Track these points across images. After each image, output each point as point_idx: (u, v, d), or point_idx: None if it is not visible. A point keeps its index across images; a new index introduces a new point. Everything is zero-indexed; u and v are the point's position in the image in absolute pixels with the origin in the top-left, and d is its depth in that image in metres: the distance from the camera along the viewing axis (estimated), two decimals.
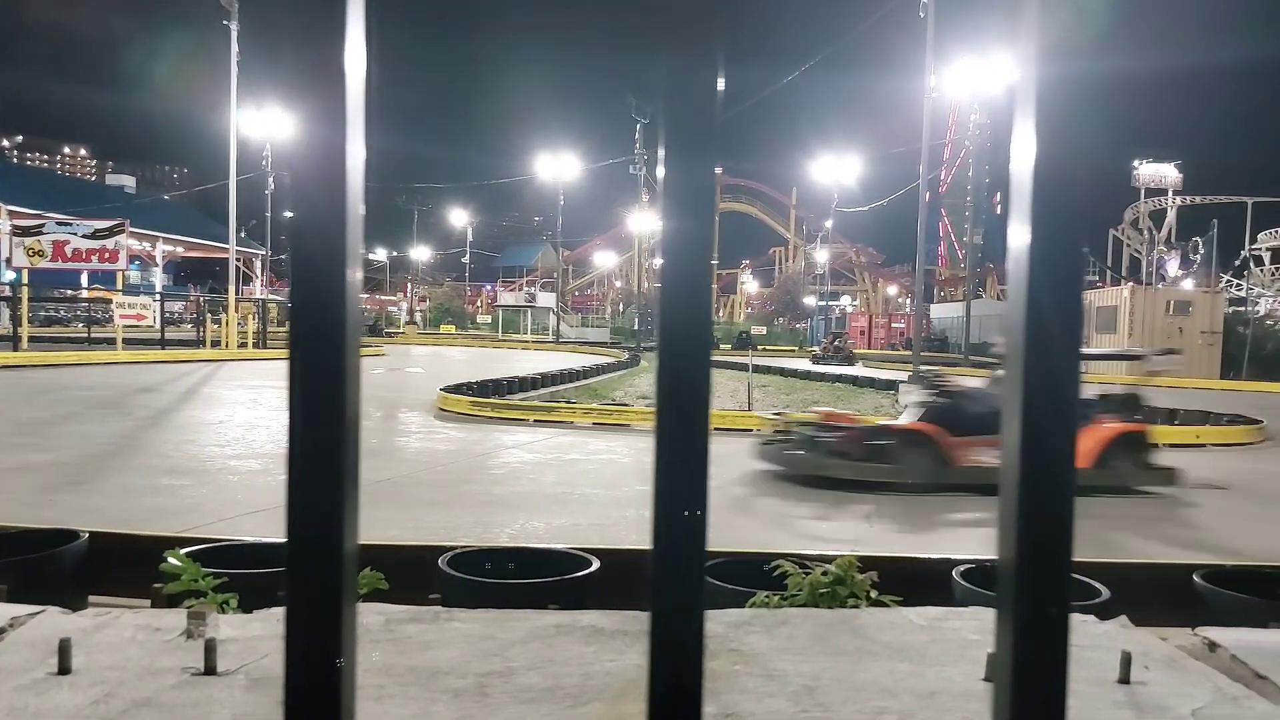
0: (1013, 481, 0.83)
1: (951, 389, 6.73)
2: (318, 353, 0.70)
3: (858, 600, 2.37)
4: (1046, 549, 0.84)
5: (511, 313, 54.13)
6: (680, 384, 0.77)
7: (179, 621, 2.07)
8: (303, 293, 0.69)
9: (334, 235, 0.68)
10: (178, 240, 43.33)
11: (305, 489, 0.73)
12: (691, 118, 0.72)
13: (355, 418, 0.73)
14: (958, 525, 5.42)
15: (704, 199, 0.74)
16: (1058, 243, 0.75)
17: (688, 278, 0.77)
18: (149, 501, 5.16)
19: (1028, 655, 0.86)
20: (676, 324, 0.76)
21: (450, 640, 2.01)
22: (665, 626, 0.80)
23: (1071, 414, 0.79)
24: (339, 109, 0.66)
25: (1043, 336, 0.75)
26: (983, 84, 33.58)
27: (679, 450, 0.79)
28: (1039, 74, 0.73)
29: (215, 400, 11.96)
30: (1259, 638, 2.08)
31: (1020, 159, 0.74)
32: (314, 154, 0.66)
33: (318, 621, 0.74)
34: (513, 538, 4.48)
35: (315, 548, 0.74)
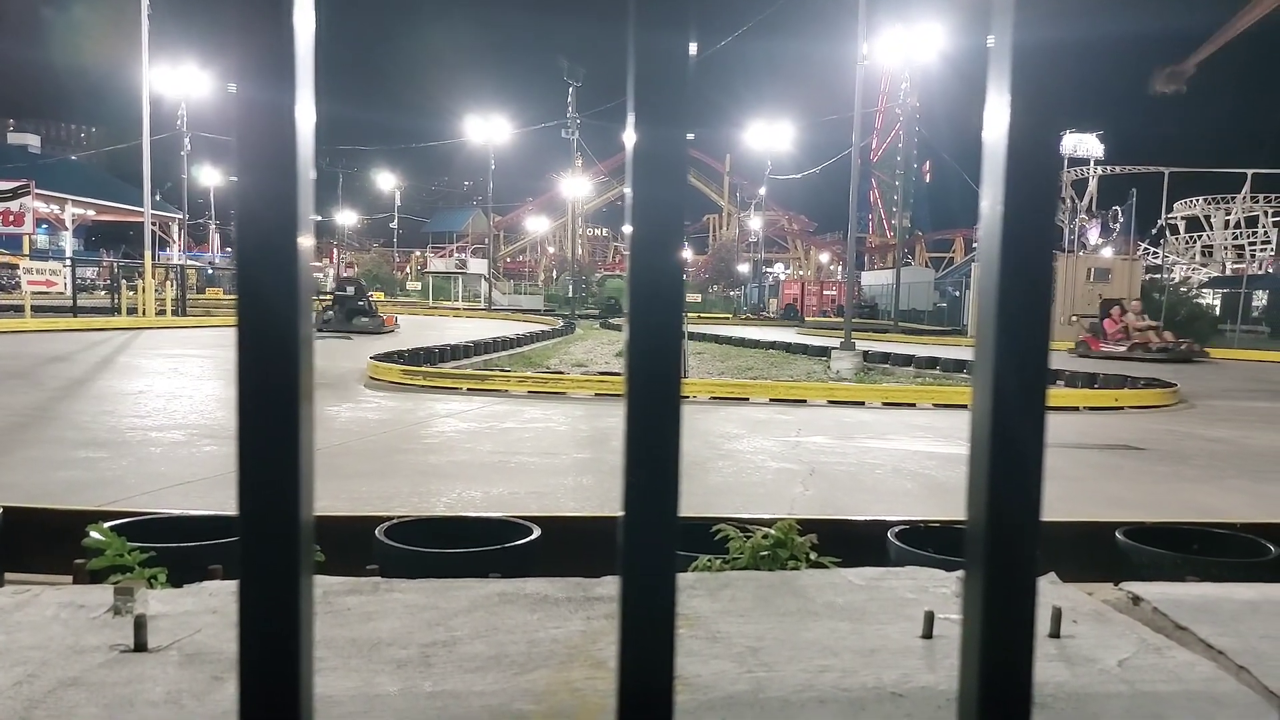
0: (983, 445, 0.83)
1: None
2: (268, 322, 0.67)
3: (798, 562, 2.40)
4: (1017, 512, 0.85)
5: (442, 279, 53.37)
6: (651, 351, 0.75)
7: (105, 598, 1.99)
8: (251, 260, 0.66)
9: (284, 200, 0.64)
10: (88, 203, 41.48)
11: (258, 461, 0.69)
12: (663, 81, 0.69)
13: (309, 388, 0.70)
14: None
15: (676, 168, 0.72)
16: (1031, 210, 0.75)
17: (659, 247, 0.75)
18: (65, 475, 4.96)
19: (997, 617, 0.86)
20: (647, 292, 0.74)
21: (391, 611, 1.98)
22: (637, 593, 0.78)
23: (1043, 378, 0.80)
24: (288, 67, 0.62)
25: (1015, 302, 0.75)
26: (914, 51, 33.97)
27: (651, 418, 0.77)
28: (1015, 39, 0.72)
29: (133, 370, 11.55)
30: (1179, 591, 2.17)
31: (993, 126, 0.74)
32: (261, 115, 0.62)
33: (273, 597, 0.71)
34: (450, 507, 4.43)
35: (271, 520, 0.71)
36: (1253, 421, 9.60)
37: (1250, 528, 3.07)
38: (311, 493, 0.72)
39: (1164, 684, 1.72)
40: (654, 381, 0.73)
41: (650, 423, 0.74)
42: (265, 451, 0.69)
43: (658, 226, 0.71)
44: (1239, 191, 55.47)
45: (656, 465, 0.75)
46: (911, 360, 16.21)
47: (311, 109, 0.63)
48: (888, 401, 10.38)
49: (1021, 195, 0.72)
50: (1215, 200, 56.37)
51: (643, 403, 0.73)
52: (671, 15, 0.66)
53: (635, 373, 0.72)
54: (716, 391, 10.46)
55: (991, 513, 0.81)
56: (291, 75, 0.61)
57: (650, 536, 0.77)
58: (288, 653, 0.69)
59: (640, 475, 0.73)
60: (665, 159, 0.71)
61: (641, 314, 0.72)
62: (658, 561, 0.78)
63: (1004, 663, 0.86)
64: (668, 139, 0.69)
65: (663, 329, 0.72)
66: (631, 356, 0.73)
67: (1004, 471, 0.80)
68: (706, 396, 10.21)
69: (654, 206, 0.71)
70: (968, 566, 0.84)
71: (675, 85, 0.67)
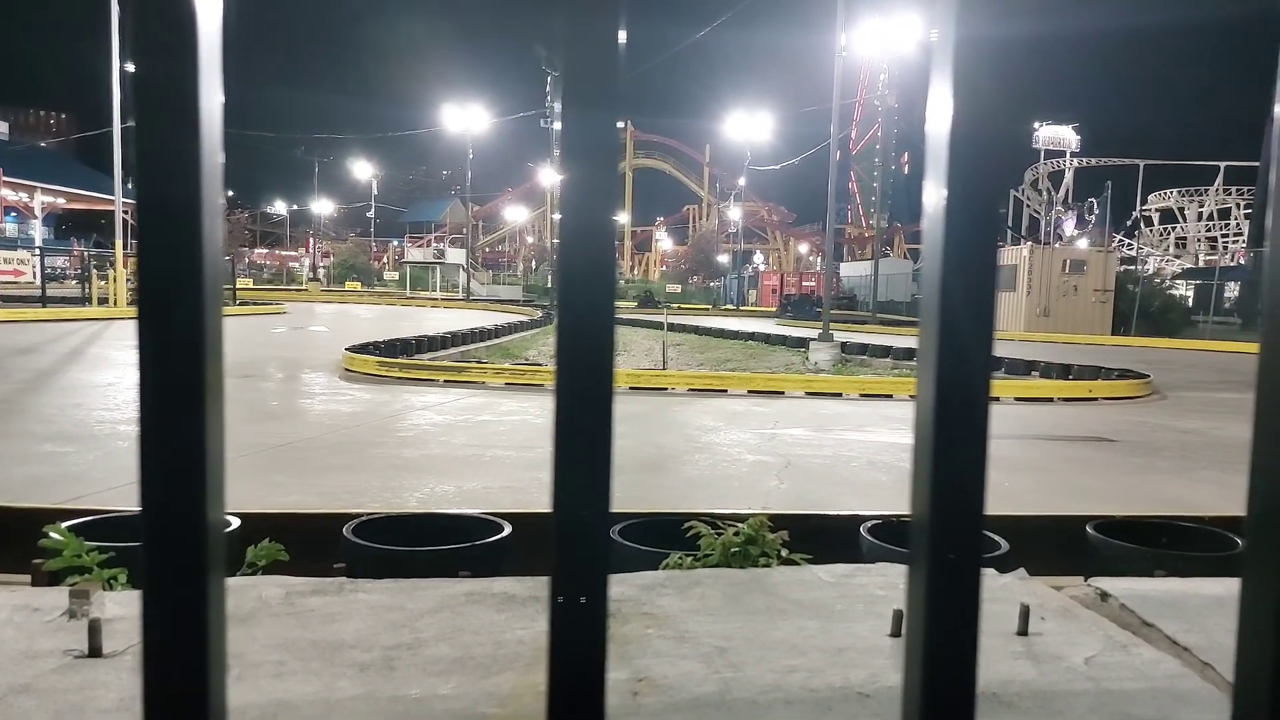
0: (926, 437, 0.82)
1: None
2: (171, 310, 0.64)
3: (769, 559, 2.39)
4: (960, 503, 0.84)
5: (420, 269, 53.07)
6: (582, 340, 0.72)
7: (60, 601, 1.95)
8: (151, 246, 0.62)
9: (186, 184, 0.61)
10: (58, 191, 40.82)
11: (160, 458, 0.66)
12: (592, 67, 0.67)
13: (217, 380, 0.66)
14: None
15: (606, 151, 0.69)
16: (974, 201, 0.73)
17: (589, 233, 0.72)
18: (28, 470, 4.87)
19: (939, 608, 0.85)
20: (577, 280, 0.71)
21: (355, 612, 1.95)
22: (567, 592, 0.75)
23: (985, 369, 0.78)
24: (189, 46, 0.59)
25: (958, 295, 0.74)
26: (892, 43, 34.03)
27: (580, 411, 0.74)
28: (957, 33, 0.70)
29: (103, 361, 11.39)
30: (1146, 587, 2.18)
31: (936, 118, 0.72)
32: (160, 97, 0.59)
33: (178, 601, 0.68)
34: (422, 502, 4.39)
35: (173, 520, 0.68)
36: (1223, 413, 9.71)
37: (1217, 521, 3.09)
38: (221, 490, 0.68)
39: (1130, 681, 1.72)
40: (585, 373, 0.70)
41: (581, 419, 0.71)
42: (168, 448, 0.65)
43: (589, 213, 0.69)
44: (1212, 184, 56.10)
45: (587, 462, 0.72)
46: (889, 351, 16.27)
47: (218, 91, 0.60)
48: (865, 393, 10.41)
49: (964, 188, 0.69)
50: (1189, 192, 57.01)
51: (573, 397, 0.70)
52: (601, 3, 0.64)
53: (565, 367, 0.70)
54: (694, 384, 10.45)
55: (935, 503, 0.79)
56: (194, 56, 0.58)
57: (580, 537, 0.74)
58: (193, 660, 0.66)
59: (570, 474, 0.70)
60: (596, 146, 0.68)
61: (573, 309, 0.68)
62: (588, 563, 0.75)
63: (948, 658, 0.84)
64: (598, 125, 0.66)
65: (594, 322, 0.69)
66: (562, 351, 0.70)
67: (947, 462, 0.78)
68: (684, 389, 10.20)
69: (586, 193, 0.68)
70: (912, 557, 0.83)
71: (606, 72, 0.65)
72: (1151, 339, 23.38)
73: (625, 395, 9.83)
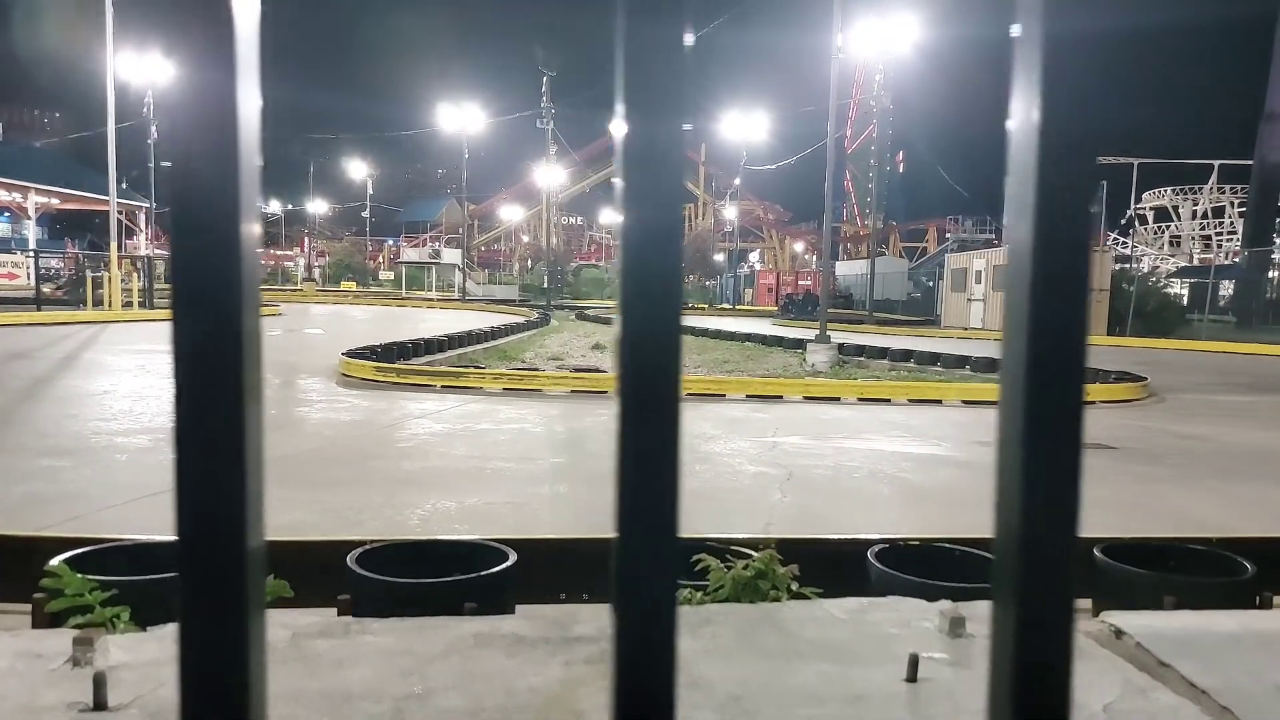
0: (1014, 457, 0.75)
1: None
2: (209, 319, 0.60)
3: (779, 592, 2.37)
4: (1052, 531, 0.76)
5: (416, 269, 52.97)
6: (646, 359, 0.68)
7: (64, 646, 1.91)
8: (188, 254, 0.60)
9: (226, 188, 0.58)
10: (52, 191, 40.63)
11: (198, 480, 0.62)
12: (656, 70, 0.64)
13: (257, 392, 0.63)
14: None
15: (672, 160, 0.65)
16: (1066, 211, 0.69)
17: (654, 246, 0.68)
18: (25, 488, 4.84)
19: (1034, 652, 0.77)
20: (642, 296, 0.67)
21: (364, 657, 1.92)
22: (632, 628, 0.70)
23: (1079, 384, 0.72)
24: (227, 48, 0.57)
25: (1050, 305, 0.69)
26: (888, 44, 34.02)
27: (645, 431, 0.69)
28: (1045, 29, 0.67)
29: (98, 367, 11.33)
30: (1160, 622, 2.16)
31: (1022, 116, 0.68)
32: (198, 99, 0.57)
33: (218, 637, 0.64)
34: (424, 520, 4.36)
35: (212, 548, 0.63)
36: (1222, 417, 9.71)
37: (1226, 543, 3.07)
38: (261, 514, 0.64)
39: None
40: (649, 394, 0.65)
41: (646, 442, 0.67)
42: (207, 468, 0.61)
43: (653, 225, 0.65)
44: (1206, 183, 56.24)
45: (654, 484, 0.68)
46: (886, 353, 16.27)
47: (256, 94, 0.58)
48: (863, 397, 10.40)
49: (1055, 196, 0.66)
50: (1183, 191, 57.14)
51: (637, 419, 0.65)
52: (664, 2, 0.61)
53: (629, 385, 0.65)
54: (692, 388, 10.43)
55: (1025, 533, 0.71)
56: (232, 58, 0.56)
57: (647, 561, 0.69)
58: (235, 705, 0.62)
59: (635, 496, 0.66)
60: (660, 153, 0.64)
61: (636, 322, 0.64)
62: (656, 590, 0.70)
63: (1039, 706, 0.77)
64: (662, 132, 0.63)
65: (659, 337, 0.65)
66: (625, 368, 0.66)
67: (1040, 488, 0.70)
68: (683, 393, 10.17)
69: (649, 203, 0.64)
70: (996, 594, 0.75)
71: (671, 75, 0.62)
72: (1147, 339, 23.41)
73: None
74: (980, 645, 1.95)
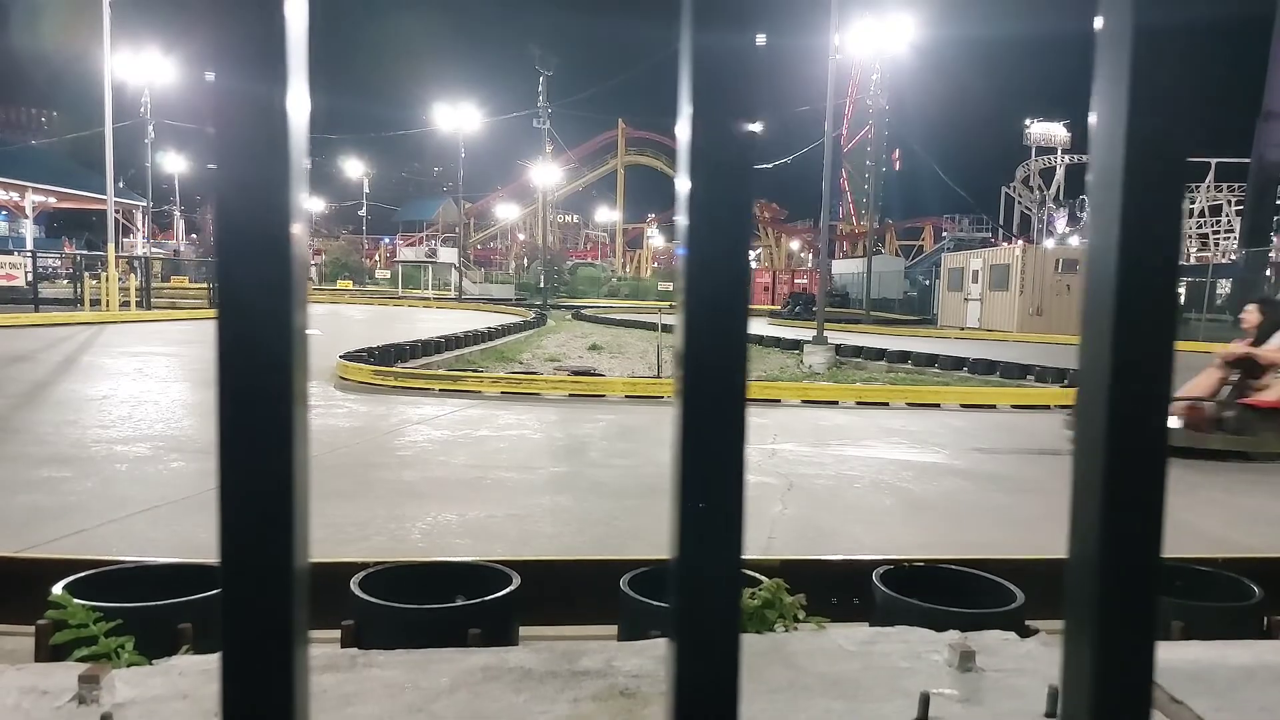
0: (1095, 473, 0.69)
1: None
2: (260, 321, 0.59)
3: (786, 621, 2.36)
4: (1134, 559, 0.69)
5: (412, 268, 52.90)
6: (711, 373, 0.65)
7: (69, 681, 1.90)
8: (237, 255, 0.58)
9: (275, 195, 0.58)
10: (49, 190, 40.55)
11: (244, 496, 0.59)
12: (727, 71, 0.62)
13: (304, 401, 0.61)
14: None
15: (741, 166, 0.63)
16: (1154, 214, 0.66)
17: (720, 260, 0.65)
18: (26, 499, 4.82)
19: (1112, 685, 0.72)
20: (708, 304, 0.64)
21: (371, 691, 1.91)
22: (693, 658, 0.67)
23: (1165, 396, 0.67)
24: (279, 52, 0.57)
25: (1137, 314, 0.65)
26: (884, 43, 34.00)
27: (710, 460, 0.66)
28: (1135, 21, 0.64)
29: (97, 371, 11.31)
30: (1172, 654, 2.15)
31: (1106, 113, 0.66)
32: (249, 100, 0.57)
33: (265, 666, 0.61)
34: (425, 533, 4.35)
35: (260, 570, 0.60)
36: None
37: (1233, 564, 3.07)
38: (307, 533, 0.61)
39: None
40: (714, 414, 0.62)
41: (709, 463, 0.64)
42: (255, 483, 0.58)
43: (721, 237, 0.60)
44: (1203, 181, 56.28)
45: (718, 504, 0.64)
46: (884, 354, 16.28)
47: (305, 96, 0.57)
48: (861, 400, 10.41)
49: (1143, 198, 0.64)
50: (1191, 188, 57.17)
51: (700, 439, 0.62)
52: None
53: (692, 399, 0.62)
54: None
55: (1104, 562, 0.67)
56: (283, 58, 0.56)
57: (709, 590, 0.66)
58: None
59: (698, 517, 0.62)
60: (730, 158, 0.62)
61: (700, 335, 0.61)
62: (717, 622, 0.66)
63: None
64: (731, 136, 0.60)
65: (725, 349, 0.62)
66: (688, 380, 0.63)
67: (1122, 510, 0.67)
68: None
69: (717, 214, 0.62)
70: (1070, 624, 0.70)
71: (743, 77, 0.60)
72: None
73: (622, 404, 9.80)
74: (990, 680, 1.95)
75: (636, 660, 2.07)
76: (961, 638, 2.11)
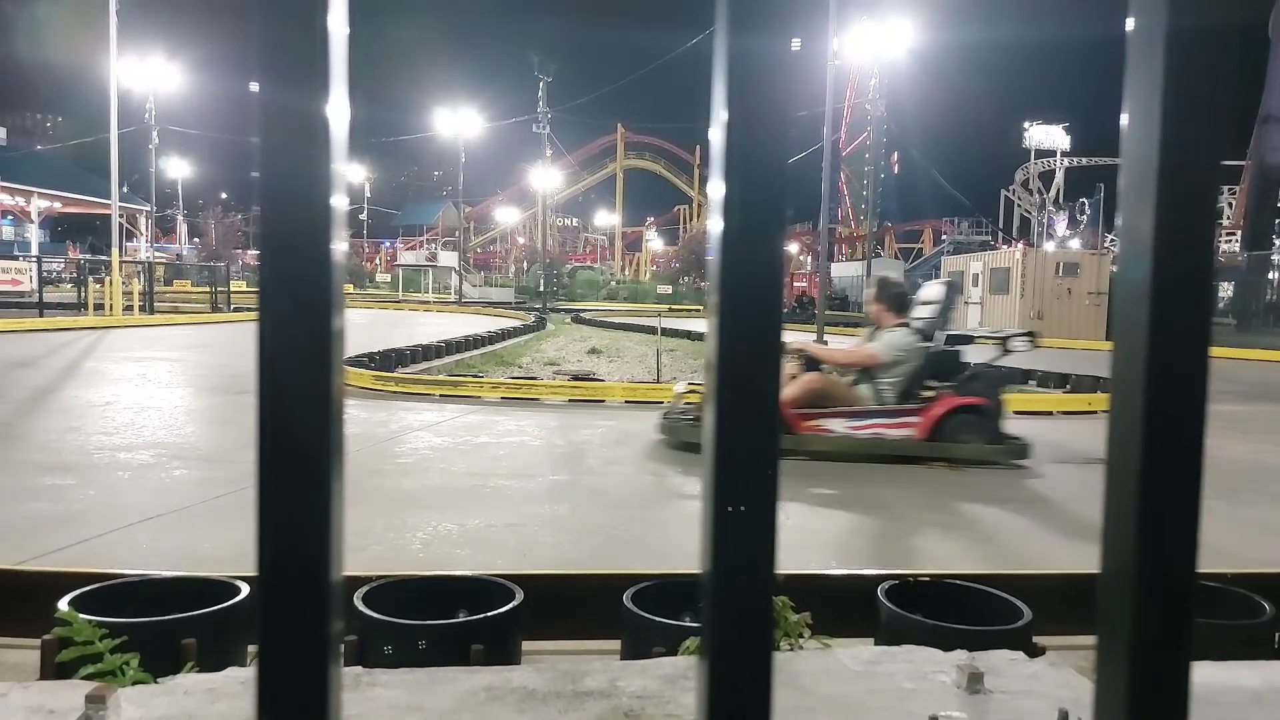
0: (1129, 484, 0.68)
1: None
2: (300, 336, 0.59)
3: (791, 640, 2.37)
4: (1169, 576, 0.68)
5: (412, 272, 52.91)
6: (744, 380, 0.64)
7: (75, 700, 1.91)
8: (280, 269, 0.59)
9: (317, 200, 0.58)
10: (55, 195, 40.60)
11: (283, 506, 0.59)
12: (763, 75, 0.62)
13: (341, 408, 0.62)
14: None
15: (777, 169, 0.63)
16: (1188, 219, 0.64)
17: (757, 259, 0.65)
18: (31, 508, 4.83)
19: (1148, 704, 0.70)
20: (742, 311, 0.64)
21: (375, 713, 1.92)
22: (726, 678, 0.67)
23: (1203, 403, 0.66)
24: (322, 63, 0.58)
25: (1172, 321, 0.64)
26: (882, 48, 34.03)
27: (743, 467, 0.66)
28: (1168, 24, 0.62)
29: (100, 376, 11.31)
30: None
31: (1138, 123, 0.65)
32: (293, 112, 0.58)
33: (303, 682, 0.60)
34: (426, 544, 4.36)
35: (297, 584, 0.59)
36: (1222, 428, 9.71)
37: (1242, 579, 3.06)
38: (341, 545, 0.60)
39: None
40: (747, 414, 0.62)
41: (742, 471, 0.63)
42: (294, 494, 0.57)
43: (756, 238, 0.61)
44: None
45: (750, 514, 0.63)
46: None
47: (346, 103, 0.58)
48: None
49: (1176, 203, 0.62)
50: None
51: (732, 449, 0.61)
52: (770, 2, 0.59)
53: (724, 405, 0.61)
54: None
55: (1142, 568, 0.66)
56: (326, 68, 0.57)
57: (743, 603, 0.66)
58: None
59: (730, 528, 0.62)
60: (765, 162, 0.61)
61: (733, 341, 0.61)
62: (751, 629, 0.65)
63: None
64: (768, 138, 0.60)
65: (759, 357, 0.61)
66: (720, 387, 0.62)
67: (1156, 524, 0.66)
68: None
69: (754, 222, 0.61)
70: (1102, 636, 0.69)
71: (780, 81, 0.60)
72: None
73: (622, 409, 9.80)
74: (998, 702, 1.95)
75: (641, 681, 2.07)
76: (969, 658, 2.11)
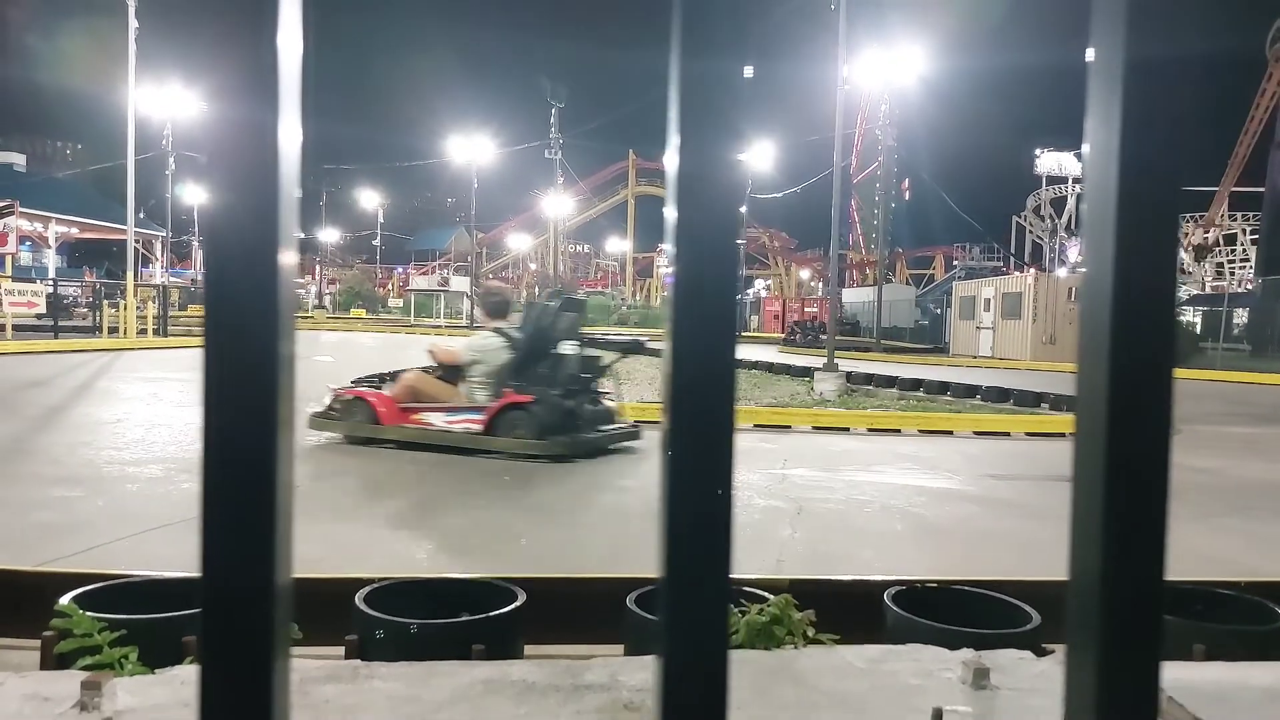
0: (1094, 488, 0.68)
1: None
2: (246, 345, 0.59)
3: (795, 638, 2.33)
4: (1136, 576, 0.69)
5: (424, 297, 53.20)
6: (698, 394, 0.65)
7: (72, 688, 1.89)
8: (225, 279, 0.59)
9: (263, 216, 0.58)
10: (72, 221, 41.11)
11: (224, 514, 0.60)
12: (714, 98, 0.62)
13: (290, 425, 0.61)
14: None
15: (730, 192, 0.63)
16: (1149, 242, 0.65)
17: (710, 282, 0.66)
18: (40, 517, 4.84)
19: (1116, 706, 0.71)
20: (695, 328, 0.65)
21: (372, 703, 1.90)
22: (680, 674, 0.66)
23: (1165, 418, 0.66)
24: (270, 84, 0.58)
25: (1133, 341, 0.65)
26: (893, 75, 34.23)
27: (696, 491, 0.66)
28: (1126, 55, 0.64)
29: (112, 395, 11.38)
30: (1193, 675, 2.11)
31: (1098, 150, 0.66)
32: (237, 130, 0.58)
33: (242, 680, 0.61)
34: (427, 552, 4.34)
35: (238, 585, 0.60)
36: (1237, 449, 9.62)
37: (1255, 587, 3.01)
38: (289, 550, 0.61)
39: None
40: (702, 429, 0.63)
41: (697, 484, 0.64)
42: (235, 499, 0.59)
43: (709, 262, 0.62)
44: (1206, 210, 56.06)
45: (704, 525, 0.65)
46: (895, 382, 16.19)
47: (297, 125, 0.58)
48: (873, 428, 10.34)
49: (1137, 226, 0.63)
50: (1194, 218, 56.96)
51: (688, 460, 0.62)
52: (721, 30, 0.60)
53: (679, 420, 0.62)
54: None
55: (1105, 580, 0.67)
56: (275, 89, 0.57)
57: (698, 607, 0.66)
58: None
59: (687, 536, 0.62)
60: (716, 185, 0.62)
61: (687, 356, 0.62)
62: (706, 639, 0.66)
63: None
64: (720, 164, 0.61)
65: (712, 371, 0.63)
66: (675, 400, 0.63)
67: (1123, 521, 0.67)
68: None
69: (705, 237, 0.62)
70: (1073, 645, 0.69)
71: (729, 106, 0.61)
72: None
73: None
74: (1005, 698, 1.92)
75: (642, 675, 2.04)
76: (975, 655, 2.08)
